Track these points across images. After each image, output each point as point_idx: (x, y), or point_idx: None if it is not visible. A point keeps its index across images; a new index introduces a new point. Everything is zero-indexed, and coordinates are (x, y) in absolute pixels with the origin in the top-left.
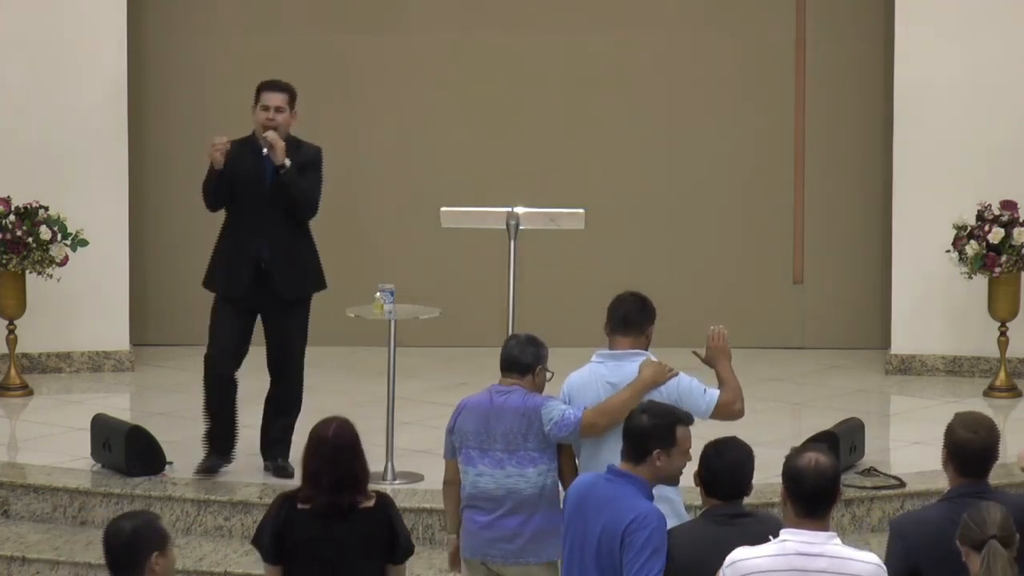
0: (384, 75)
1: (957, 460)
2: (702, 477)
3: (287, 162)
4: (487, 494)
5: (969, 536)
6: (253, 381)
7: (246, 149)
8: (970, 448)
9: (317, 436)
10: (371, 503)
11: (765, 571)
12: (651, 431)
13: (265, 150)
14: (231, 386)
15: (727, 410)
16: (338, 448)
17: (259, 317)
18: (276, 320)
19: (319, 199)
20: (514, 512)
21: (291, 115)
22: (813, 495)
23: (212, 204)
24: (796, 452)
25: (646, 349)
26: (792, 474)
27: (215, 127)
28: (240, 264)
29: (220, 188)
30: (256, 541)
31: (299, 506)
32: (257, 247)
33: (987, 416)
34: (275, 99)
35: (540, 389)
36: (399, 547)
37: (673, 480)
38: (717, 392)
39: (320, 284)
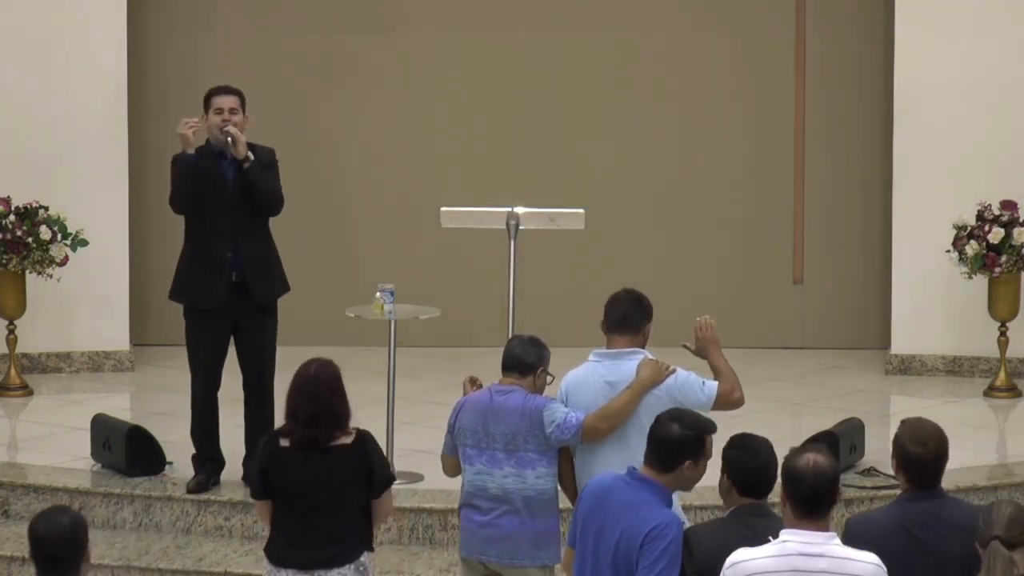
0: (384, 75)
1: (908, 472)
2: (735, 479)
3: (250, 155)
4: (485, 493)
5: (980, 536)
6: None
7: (204, 157)
8: (919, 461)
9: (299, 373)
10: (350, 440)
11: (766, 572)
12: (684, 442)
13: (230, 141)
14: (216, 411)
15: (728, 400)
16: (317, 384)
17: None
18: (251, 330)
19: (282, 194)
20: (511, 513)
21: (244, 118)
22: (811, 496)
23: (182, 202)
24: (795, 453)
25: (643, 347)
26: (791, 475)
27: None
28: (214, 274)
29: (189, 183)
30: (245, 479)
31: (281, 443)
32: (229, 255)
33: (933, 424)
34: (228, 101)
35: (540, 392)
36: (376, 481)
37: (689, 488)
38: (715, 384)
39: (286, 287)
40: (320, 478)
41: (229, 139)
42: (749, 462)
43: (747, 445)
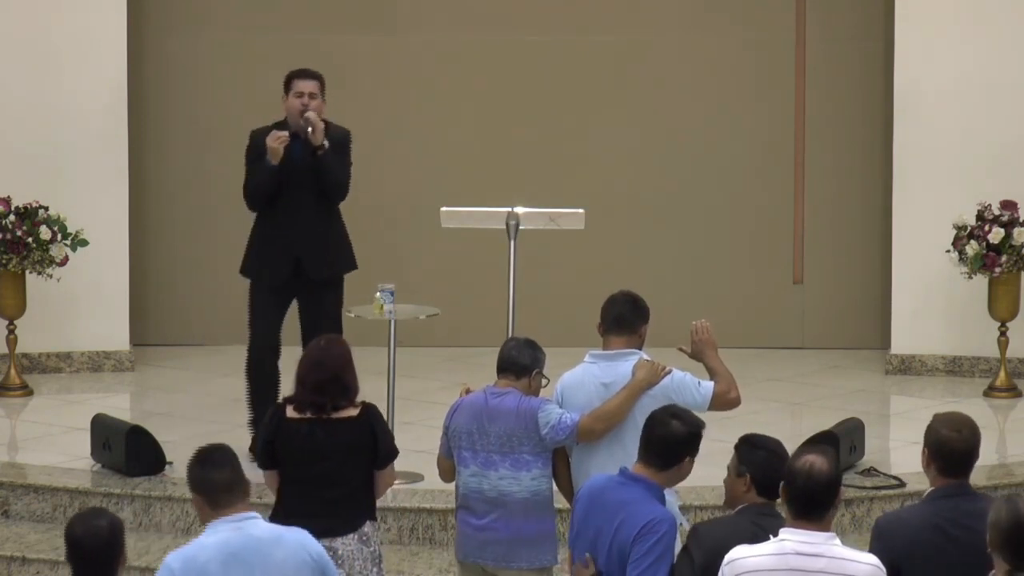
0: (384, 75)
1: (939, 460)
2: (759, 480)
3: (326, 143)
4: (480, 495)
5: (1001, 546)
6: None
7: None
8: (952, 447)
9: (310, 346)
10: (356, 412)
11: (763, 570)
12: (686, 439)
13: (309, 129)
14: (276, 376)
15: (724, 400)
16: (326, 354)
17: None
18: (311, 304)
19: (350, 180)
20: (507, 516)
21: (321, 102)
22: (804, 497)
23: (263, 204)
24: (798, 453)
25: (640, 348)
26: (789, 474)
27: (215, 127)
28: (280, 252)
29: (271, 192)
30: (252, 449)
31: (288, 414)
32: (294, 233)
33: (968, 416)
34: (308, 85)
35: (535, 394)
36: (380, 453)
37: (675, 484)
38: (711, 384)
39: (351, 264)
40: (325, 448)
41: (309, 128)
42: (778, 466)
43: (776, 450)
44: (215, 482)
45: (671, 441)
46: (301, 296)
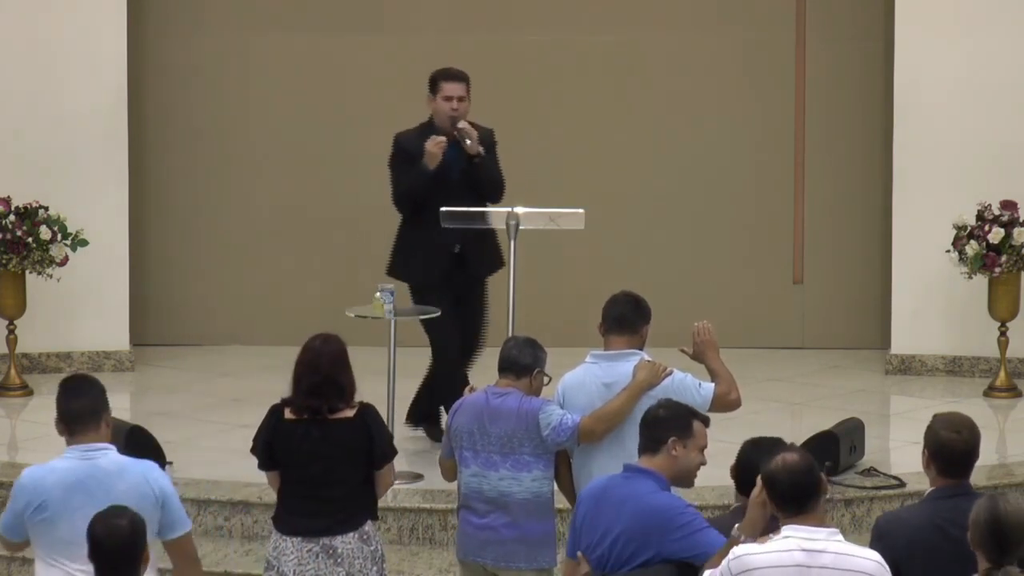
0: (383, 75)
1: (939, 461)
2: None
3: (481, 151)
4: (480, 496)
5: (981, 546)
6: (252, 381)
7: (426, 137)
8: (952, 448)
9: (305, 346)
10: (352, 413)
11: (770, 567)
12: (668, 418)
13: (468, 141)
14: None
15: (724, 401)
16: (320, 355)
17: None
18: (468, 300)
19: (504, 181)
20: (507, 516)
21: (468, 103)
22: (792, 493)
23: (416, 207)
24: (767, 459)
25: (641, 349)
26: (770, 479)
27: (215, 127)
28: (437, 252)
29: (423, 196)
30: (252, 450)
31: (285, 416)
32: (452, 235)
33: (968, 416)
34: (457, 89)
35: (537, 393)
36: (376, 454)
37: (687, 480)
38: (712, 385)
39: (502, 261)
40: (320, 450)
41: (466, 140)
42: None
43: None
44: (72, 411)
45: (654, 422)
46: (459, 293)
